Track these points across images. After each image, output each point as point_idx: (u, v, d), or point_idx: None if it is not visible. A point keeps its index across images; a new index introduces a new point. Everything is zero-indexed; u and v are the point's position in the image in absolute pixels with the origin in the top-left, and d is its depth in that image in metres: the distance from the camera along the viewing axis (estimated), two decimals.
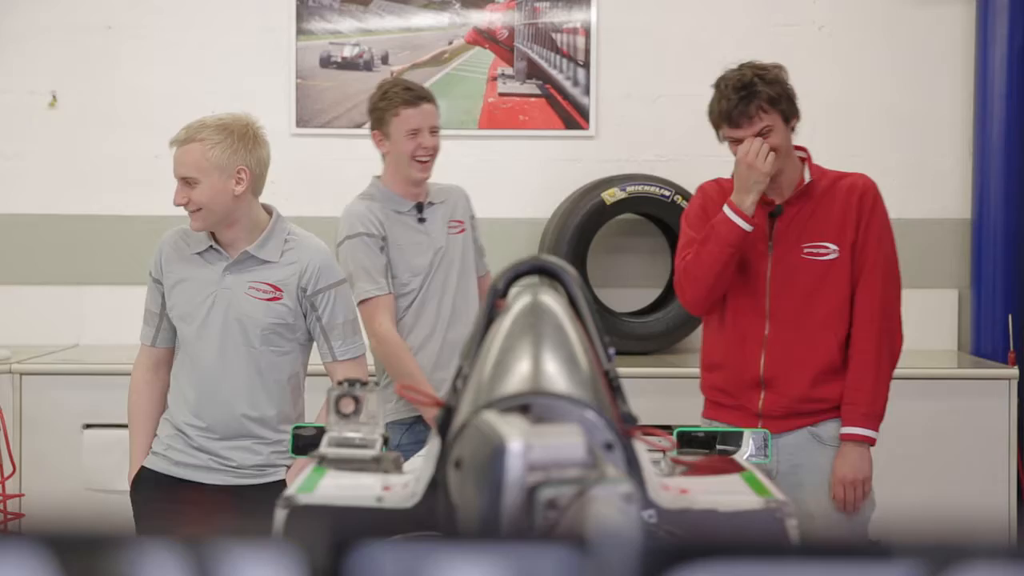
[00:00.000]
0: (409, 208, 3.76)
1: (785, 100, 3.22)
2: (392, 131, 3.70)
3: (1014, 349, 5.07)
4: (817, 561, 0.81)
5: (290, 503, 1.42)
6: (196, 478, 3.15)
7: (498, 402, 1.32)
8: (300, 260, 3.16)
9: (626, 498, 1.03)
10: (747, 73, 3.22)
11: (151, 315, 3.23)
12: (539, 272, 1.70)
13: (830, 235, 3.24)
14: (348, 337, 3.22)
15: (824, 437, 3.23)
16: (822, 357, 3.22)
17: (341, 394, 1.69)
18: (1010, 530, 0.86)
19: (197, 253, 3.15)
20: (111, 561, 0.78)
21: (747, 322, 3.28)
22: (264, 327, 3.13)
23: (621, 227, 5.36)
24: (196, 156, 3.10)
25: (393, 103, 3.70)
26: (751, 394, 3.26)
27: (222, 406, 3.13)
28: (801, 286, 3.24)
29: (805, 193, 3.26)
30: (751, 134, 3.19)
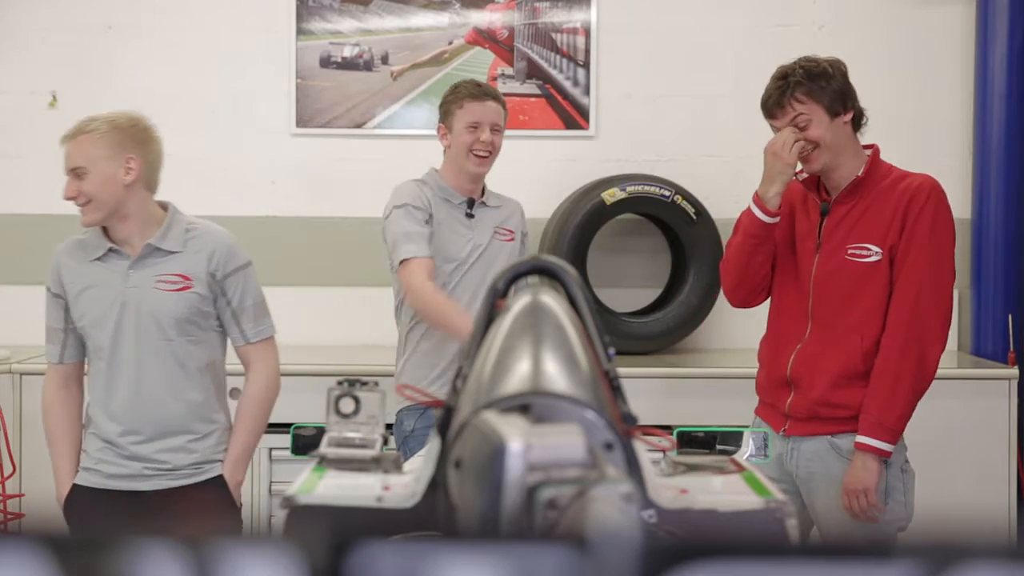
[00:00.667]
0: (460, 201, 3.80)
1: (830, 93, 3.16)
2: (455, 123, 3.74)
3: (1014, 349, 5.07)
4: (817, 561, 0.81)
5: (290, 503, 1.42)
6: (132, 487, 3.14)
7: (498, 402, 1.32)
8: (206, 246, 3.17)
9: (626, 498, 1.03)
10: (793, 64, 3.20)
11: (54, 332, 3.22)
12: (539, 272, 1.70)
13: (875, 237, 3.15)
14: (258, 319, 3.23)
15: (843, 449, 3.16)
16: (843, 361, 3.15)
17: (341, 394, 1.69)
18: (1010, 530, 0.86)
19: (96, 259, 3.15)
20: (111, 561, 0.78)
21: (789, 321, 3.25)
22: (178, 317, 3.13)
23: (621, 227, 5.36)
24: (84, 147, 3.12)
25: (459, 96, 3.76)
26: (781, 393, 3.25)
27: (148, 406, 3.13)
28: (840, 287, 3.17)
29: (854, 191, 3.18)
30: (785, 124, 3.17)
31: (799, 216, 3.30)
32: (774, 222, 3.19)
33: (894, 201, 3.15)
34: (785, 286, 3.29)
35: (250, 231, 5.37)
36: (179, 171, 5.57)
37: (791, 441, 3.23)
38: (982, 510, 4.59)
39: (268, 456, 4.55)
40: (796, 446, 3.24)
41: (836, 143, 3.17)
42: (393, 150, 5.40)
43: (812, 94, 3.15)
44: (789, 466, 3.24)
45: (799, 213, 3.30)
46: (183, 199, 3.32)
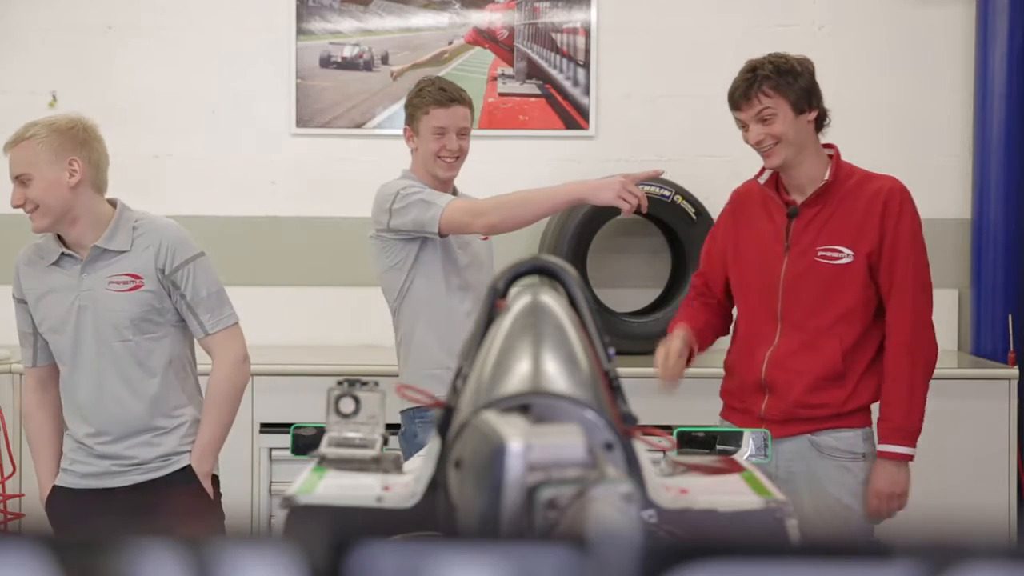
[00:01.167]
0: None
1: (797, 89, 3.18)
2: (420, 128, 3.71)
3: (1014, 349, 5.07)
4: (817, 561, 0.81)
5: (290, 503, 1.42)
6: (104, 484, 3.17)
7: (498, 402, 1.32)
8: (152, 242, 3.16)
9: (626, 498, 1.03)
10: (763, 59, 3.22)
11: (25, 336, 3.26)
12: (539, 272, 1.70)
13: (846, 239, 3.17)
14: (216, 309, 3.19)
15: (823, 447, 3.19)
16: (823, 363, 3.17)
17: (341, 394, 1.69)
18: (1010, 530, 0.86)
19: (52, 263, 3.17)
20: (111, 561, 0.78)
21: (757, 325, 3.26)
22: (133, 317, 3.12)
23: (621, 227, 5.36)
24: (26, 153, 3.12)
25: (425, 101, 3.71)
26: (755, 398, 3.25)
27: (112, 407, 3.15)
28: (811, 289, 3.19)
29: (824, 194, 3.21)
30: (751, 116, 3.18)
31: (761, 220, 3.30)
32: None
33: (864, 204, 3.19)
34: (750, 291, 3.30)
35: (250, 231, 5.38)
36: (179, 171, 5.59)
37: None
38: (982, 510, 4.59)
39: (268, 456, 4.55)
40: (774, 448, 3.23)
41: (798, 140, 3.19)
42: (393, 150, 5.38)
43: (779, 89, 3.17)
44: (768, 468, 3.24)
45: (761, 217, 3.30)
46: (183, 199, 3.33)
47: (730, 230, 3.36)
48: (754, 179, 3.34)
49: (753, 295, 3.28)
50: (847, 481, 3.19)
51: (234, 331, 3.22)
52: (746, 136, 3.23)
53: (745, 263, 3.30)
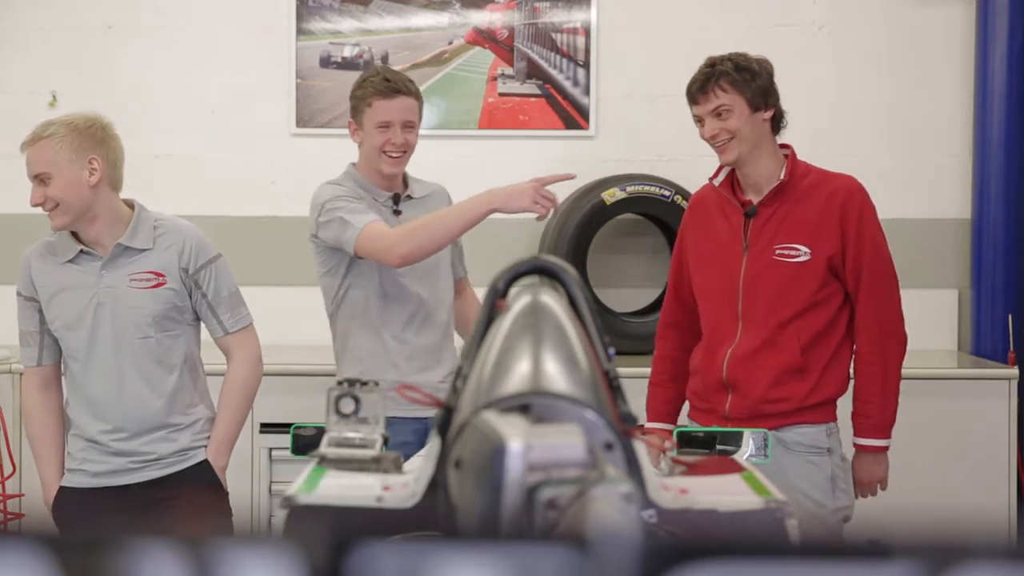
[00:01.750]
0: (385, 199, 3.59)
1: (754, 87, 3.22)
2: (364, 121, 3.53)
3: (1014, 349, 5.06)
4: (817, 561, 0.81)
5: (290, 503, 1.42)
6: (118, 482, 3.15)
7: (498, 402, 1.32)
8: (176, 242, 3.19)
9: (626, 498, 1.03)
10: (723, 56, 3.27)
11: (29, 335, 3.23)
12: (539, 272, 1.70)
13: (803, 237, 3.21)
14: (234, 309, 3.26)
15: (788, 442, 3.21)
16: (782, 358, 3.21)
17: (341, 394, 1.69)
18: (1010, 530, 0.86)
19: (68, 261, 3.16)
20: (111, 561, 0.78)
21: (721, 325, 3.29)
22: (155, 314, 3.15)
23: (621, 227, 5.36)
24: (46, 152, 3.15)
25: (367, 92, 3.52)
26: (719, 397, 3.27)
27: (130, 404, 3.15)
28: (770, 287, 3.22)
29: (780, 193, 3.24)
30: (707, 111, 3.22)
31: (717, 221, 3.32)
32: None
33: (821, 202, 3.22)
34: (711, 292, 3.32)
35: (250, 231, 5.37)
36: (179, 171, 5.59)
37: None
38: (982, 510, 4.59)
39: (268, 456, 4.54)
40: None
41: (753, 137, 3.23)
42: None
43: (736, 85, 3.21)
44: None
45: (717, 218, 3.33)
46: (183, 199, 3.33)
47: (690, 236, 3.40)
48: (709, 182, 3.38)
49: (714, 296, 3.31)
50: (813, 476, 3.22)
51: (251, 331, 3.31)
52: (701, 131, 3.28)
53: (706, 265, 3.33)
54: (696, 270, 3.36)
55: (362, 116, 3.54)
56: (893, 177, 5.34)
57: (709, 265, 3.32)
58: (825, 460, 3.23)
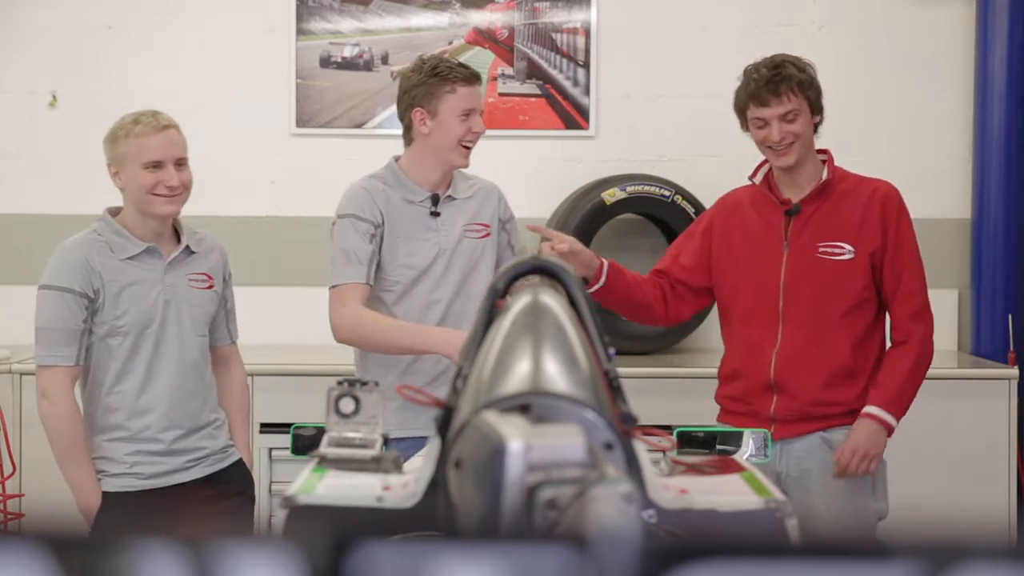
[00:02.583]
0: (423, 199, 3.35)
1: (814, 92, 3.21)
2: (443, 109, 3.25)
3: (1014, 349, 5.07)
4: (817, 561, 0.81)
5: (290, 503, 1.42)
6: (172, 482, 3.15)
7: (498, 402, 1.32)
8: (215, 247, 3.30)
9: (626, 498, 1.03)
10: (780, 58, 3.23)
11: (69, 333, 3.08)
12: (539, 272, 1.70)
13: (847, 236, 3.19)
14: (235, 320, 3.41)
15: (835, 443, 3.18)
16: (834, 360, 3.18)
17: (341, 394, 1.69)
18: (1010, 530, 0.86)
19: (129, 258, 3.13)
20: (111, 561, 0.78)
21: (759, 326, 3.24)
22: (209, 314, 3.24)
23: (621, 227, 5.36)
24: (179, 139, 3.17)
25: (448, 79, 3.25)
26: (763, 399, 3.23)
27: (187, 401, 3.18)
28: (814, 286, 3.19)
29: (822, 192, 3.22)
30: (778, 114, 3.16)
31: (753, 222, 3.29)
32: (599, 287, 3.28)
33: (863, 203, 3.22)
34: (744, 293, 3.27)
35: (250, 231, 5.37)
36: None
37: (779, 444, 3.20)
38: (982, 510, 4.59)
39: (268, 456, 4.54)
40: (785, 447, 3.22)
41: (811, 141, 3.24)
42: (393, 150, 5.39)
43: (803, 88, 3.19)
44: (778, 467, 3.22)
45: (753, 219, 3.29)
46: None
47: (720, 237, 3.33)
48: (749, 180, 3.34)
49: (748, 297, 3.26)
50: (858, 479, 3.19)
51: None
52: (762, 134, 3.20)
53: (739, 266, 3.29)
54: (727, 273, 3.30)
55: (438, 102, 3.26)
56: (893, 177, 5.28)
57: (742, 266, 3.27)
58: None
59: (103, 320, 3.10)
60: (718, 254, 3.33)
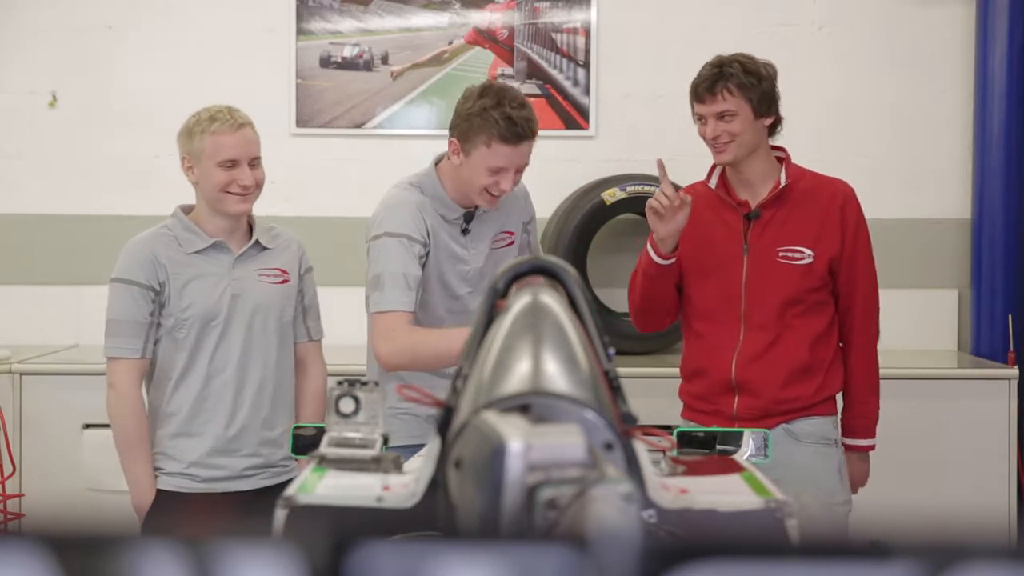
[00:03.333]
0: (457, 216, 3.26)
1: (759, 93, 3.21)
2: (473, 153, 3.13)
3: (1014, 349, 5.06)
4: (817, 561, 0.81)
5: (290, 503, 1.42)
6: (228, 488, 3.09)
7: (498, 402, 1.32)
8: (291, 242, 3.28)
9: (626, 498, 1.03)
10: (731, 57, 3.25)
11: (135, 325, 3.05)
12: (539, 272, 1.70)
13: (806, 240, 3.22)
14: (319, 319, 3.34)
15: (799, 434, 3.24)
16: (792, 359, 3.23)
17: (341, 394, 1.69)
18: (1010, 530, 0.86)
19: (195, 252, 3.11)
20: (111, 561, 0.78)
21: (721, 327, 3.27)
22: (281, 310, 3.18)
23: (621, 227, 5.36)
24: (254, 137, 3.18)
25: (488, 130, 3.09)
26: (725, 398, 3.27)
27: (255, 401, 3.11)
28: (775, 289, 3.22)
29: (781, 196, 3.24)
30: (713, 112, 3.20)
31: (714, 223, 3.29)
32: (670, 263, 3.23)
33: (822, 206, 3.24)
34: (707, 293, 3.29)
35: None
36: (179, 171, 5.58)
37: None
38: (982, 510, 4.59)
39: None
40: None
41: (752, 142, 3.24)
42: (393, 150, 5.40)
43: (743, 89, 3.20)
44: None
45: (713, 221, 3.29)
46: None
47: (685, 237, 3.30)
48: (703, 182, 3.37)
49: (711, 297, 3.28)
50: (824, 466, 3.26)
51: (321, 344, 3.36)
52: (702, 130, 3.26)
53: (701, 266, 3.30)
54: (689, 270, 3.31)
55: (470, 145, 3.13)
56: (893, 177, 5.34)
57: (704, 266, 3.28)
58: (833, 451, 3.27)
59: (170, 312, 3.08)
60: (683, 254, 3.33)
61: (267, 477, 3.13)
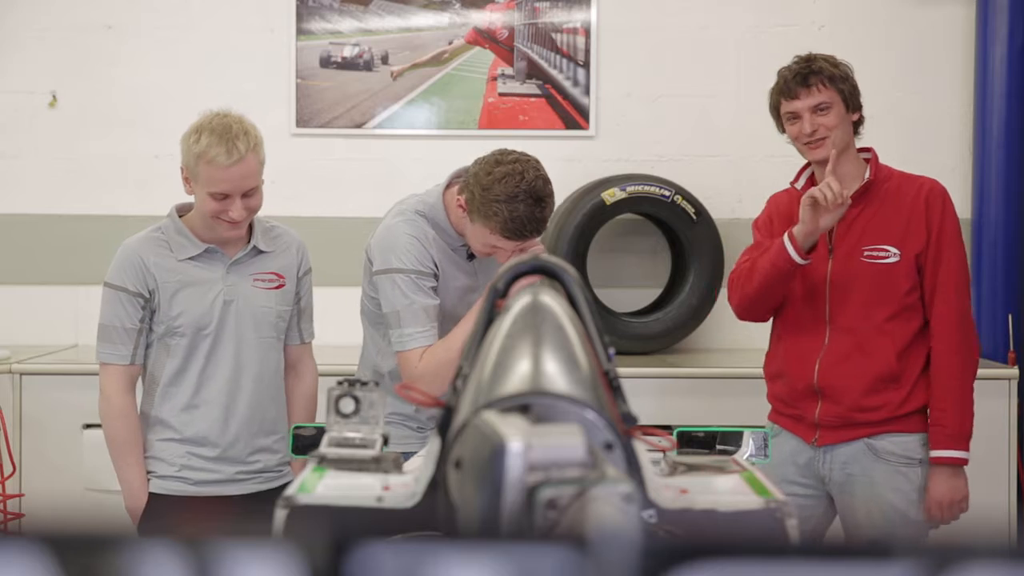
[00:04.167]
0: (459, 244, 3.23)
1: (849, 86, 3.17)
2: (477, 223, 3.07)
3: (1014, 349, 5.06)
4: (817, 561, 0.81)
5: (290, 503, 1.42)
6: (221, 492, 3.08)
7: (498, 402, 1.32)
8: (291, 244, 3.23)
9: (626, 498, 1.03)
10: (811, 55, 3.21)
11: (125, 332, 3.06)
12: (539, 272, 1.70)
13: (892, 238, 3.14)
14: (312, 320, 3.32)
15: (880, 450, 3.15)
16: (878, 365, 3.13)
17: (341, 394, 1.69)
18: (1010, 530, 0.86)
19: (188, 258, 3.08)
20: (111, 561, 0.78)
21: (806, 329, 3.20)
22: (277, 315, 3.15)
23: (621, 227, 5.36)
24: (253, 166, 3.06)
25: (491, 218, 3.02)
26: (808, 404, 3.20)
27: (248, 408, 3.09)
28: (860, 290, 3.15)
29: (866, 194, 3.18)
30: (808, 106, 3.14)
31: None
32: (807, 263, 3.11)
33: (908, 204, 3.16)
34: (792, 296, 3.23)
35: None
36: (179, 171, 5.58)
37: (824, 448, 3.20)
38: (982, 510, 4.59)
39: None
40: (829, 451, 3.20)
41: (845, 138, 3.18)
42: (393, 150, 5.40)
43: (835, 82, 3.17)
44: (821, 471, 3.21)
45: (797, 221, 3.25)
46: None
47: (767, 237, 3.28)
48: (791, 186, 3.30)
49: (796, 300, 3.22)
50: (903, 487, 3.15)
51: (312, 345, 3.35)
52: (795, 128, 3.18)
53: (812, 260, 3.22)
54: None
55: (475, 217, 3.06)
56: None
57: None
58: (916, 471, 3.15)
59: (160, 320, 3.07)
60: None
61: (260, 482, 3.11)
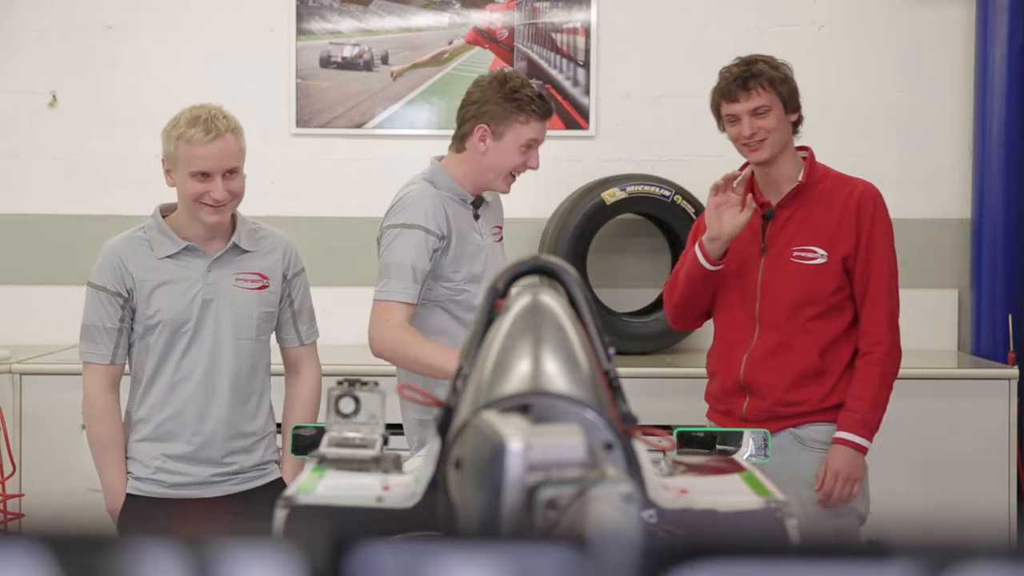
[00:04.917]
0: (470, 201, 3.32)
1: (787, 88, 3.22)
2: (508, 135, 3.21)
3: (1014, 349, 5.07)
4: (817, 561, 0.81)
5: (290, 503, 1.42)
6: (198, 494, 3.06)
7: (498, 402, 1.32)
8: (277, 246, 3.17)
9: (626, 498, 1.03)
10: (753, 56, 3.27)
11: (105, 331, 3.06)
12: (539, 272, 1.70)
13: (821, 239, 3.20)
14: (311, 321, 3.27)
15: (805, 439, 3.22)
16: (801, 362, 3.20)
17: (341, 394, 1.69)
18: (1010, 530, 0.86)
19: (168, 256, 3.06)
20: (111, 561, 0.78)
21: (737, 327, 3.28)
22: (259, 317, 3.10)
23: (621, 227, 5.36)
24: (233, 146, 3.01)
25: (523, 108, 3.20)
26: (736, 399, 3.28)
27: (223, 409, 3.06)
28: (788, 289, 3.22)
29: (798, 195, 3.24)
30: (748, 109, 3.20)
31: None
32: (718, 269, 3.24)
33: (839, 206, 3.22)
34: (728, 293, 3.30)
35: None
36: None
37: None
38: (982, 510, 4.59)
39: None
40: None
41: (783, 138, 3.24)
42: (393, 150, 5.40)
43: (774, 85, 3.21)
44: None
45: None
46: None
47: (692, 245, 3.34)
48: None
49: (731, 297, 3.30)
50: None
51: (316, 345, 3.30)
52: (735, 130, 3.24)
53: (725, 269, 3.30)
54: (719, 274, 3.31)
55: (504, 126, 3.22)
56: (893, 177, 5.33)
57: (726, 268, 3.29)
58: None
59: (139, 319, 3.06)
60: None
61: (236, 484, 3.09)
